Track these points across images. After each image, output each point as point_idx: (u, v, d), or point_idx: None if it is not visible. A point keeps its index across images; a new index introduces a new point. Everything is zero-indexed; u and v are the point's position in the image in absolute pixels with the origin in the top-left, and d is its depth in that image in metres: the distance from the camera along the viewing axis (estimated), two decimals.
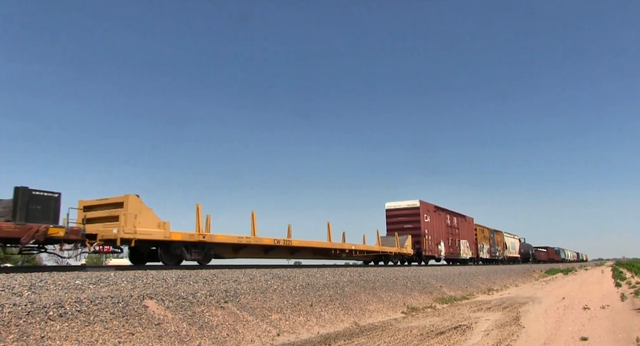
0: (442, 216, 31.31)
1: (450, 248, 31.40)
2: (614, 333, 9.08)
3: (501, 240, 48.35)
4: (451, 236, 32.10)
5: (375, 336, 8.72)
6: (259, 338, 7.82)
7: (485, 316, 11.68)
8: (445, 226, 31.23)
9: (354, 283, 13.15)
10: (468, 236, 36.21)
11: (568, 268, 56.46)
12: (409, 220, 27.38)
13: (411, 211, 27.64)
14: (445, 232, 31.07)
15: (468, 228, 36.58)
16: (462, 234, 34.83)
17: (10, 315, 5.58)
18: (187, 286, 8.67)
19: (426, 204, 28.74)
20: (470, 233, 37.04)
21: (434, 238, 28.88)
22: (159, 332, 6.70)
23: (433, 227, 29.02)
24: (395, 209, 28.12)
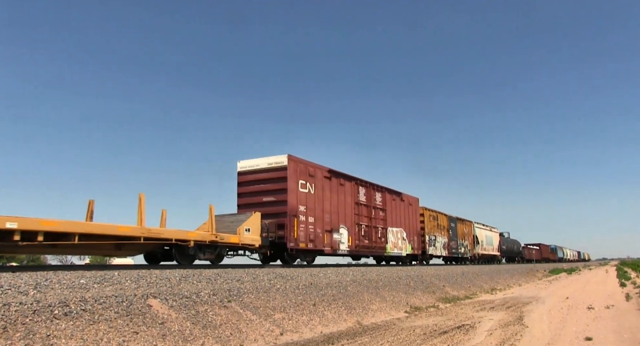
0: (345, 188, 19.37)
1: (363, 239, 20.09)
2: (619, 334, 9.06)
3: (469, 233, 36.90)
4: (367, 221, 20.61)
5: (379, 335, 8.73)
6: (262, 338, 7.85)
7: (489, 316, 11.67)
8: (351, 204, 19.60)
9: (357, 282, 13.16)
10: (406, 223, 24.82)
11: (572, 267, 56.22)
12: (270, 189, 16.11)
13: (274, 173, 16.12)
14: (351, 213, 19.45)
15: (407, 211, 25.15)
16: (394, 220, 23.32)
17: (17, 314, 5.62)
18: (191, 286, 8.70)
19: (305, 164, 16.96)
20: (411, 219, 25.59)
21: (322, 221, 17.38)
22: (162, 331, 6.73)
23: (322, 203, 17.53)
24: (251, 172, 16.68)
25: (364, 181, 21.03)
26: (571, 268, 52.45)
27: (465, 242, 35.74)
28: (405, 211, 25.14)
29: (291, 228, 15.53)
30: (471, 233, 37.83)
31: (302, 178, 16.60)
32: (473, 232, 38.26)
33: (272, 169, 16.22)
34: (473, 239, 37.86)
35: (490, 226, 44.27)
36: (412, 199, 26.49)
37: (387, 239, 22.36)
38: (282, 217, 15.58)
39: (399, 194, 24.63)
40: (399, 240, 23.95)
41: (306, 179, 16.80)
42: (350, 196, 19.60)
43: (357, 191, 20.24)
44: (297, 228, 15.81)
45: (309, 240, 16.43)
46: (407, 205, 25.51)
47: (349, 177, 19.86)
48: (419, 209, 27.29)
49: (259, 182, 16.44)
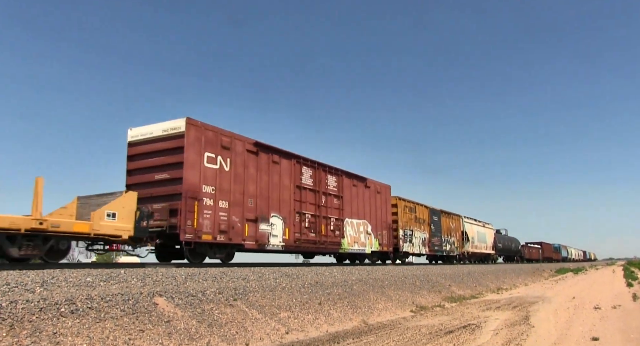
0: (282, 167, 15.48)
1: (307, 232, 16.31)
2: (626, 333, 8.99)
3: (457, 228, 32.65)
4: (313, 210, 16.75)
5: (384, 335, 8.71)
6: (267, 336, 7.85)
7: (495, 316, 11.62)
8: (291, 187, 15.76)
9: (362, 281, 13.14)
10: (372, 214, 20.86)
11: (578, 267, 55.88)
12: (164, 163, 12.42)
13: (169, 143, 12.41)
14: (290, 199, 15.66)
15: (374, 201, 21.18)
16: (354, 210, 19.41)
17: (24, 311, 5.65)
18: (197, 284, 8.72)
19: (216, 133, 13.09)
20: (379, 210, 21.58)
21: (243, 208, 13.54)
22: (168, 329, 6.74)
23: (242, 184, 13.66)
24: (143, 142, 12.89)
25: (311, 161, 16.96)
26: (577, 268, 52.14)
27: (452, 238, 31.42)
28: (372, 200, 20.89)
29: (188, 214, 11.69)
30: (459, 229, 33.30)
31: (210, 150, 12.74)
32: (462, 227, 33.69)
33: (167, 137, 12.34)
34: (462, 236, 33.46)
35: (484, 222, 40.14)
36: (381, 186, 22.04)
37: (343, 233, 18.24)
38: (176, 200, 11.77)
39: (362, 179, 20.44)
40: (360, 234, 19.68)
41: (217, 151, 12.92)
42: (288, 178, 15.63)
43: (299, 172, 16.22)
44: (197, 215, 11.95)
45: (218, 231, 12.54)
46: (373, 193, 21.16)
47: (287, 154, 15.84)
48: (390, 199, 22.90)
49: (152, 155, 12.56)
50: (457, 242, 32.56)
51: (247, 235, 13.67)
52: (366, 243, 20.19)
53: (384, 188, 22.54)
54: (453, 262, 31.63)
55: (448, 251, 30.59)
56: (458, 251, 32.49)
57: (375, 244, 20.91)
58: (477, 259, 37.77)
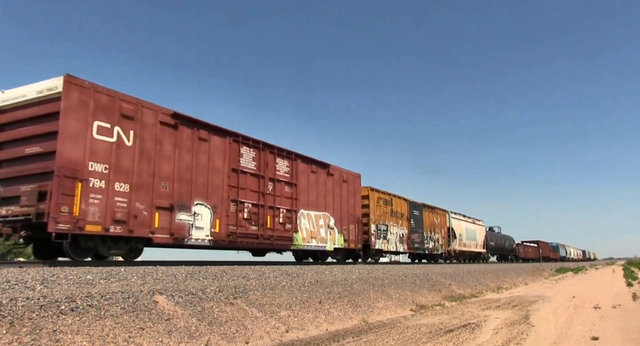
0: (212, 145, 12.78)
1: (246, 224, 13.56)
2: (626, 333, 8.99)
3: (442, 224, 29.87)
4: (255, 198, 13.99)
5: (384, 333, 8.71)
6: (267, 335, 7.85)
7: (495, 315, 11.62)
8: (224, 170, 13.10)
9: (362, 280, 13.14)
10: (336, 206, 18.03)
11: (578, 267, 55.86)
12: (37, 133, 9.70)
13: (43, 108, 9.71)
14: (223, 185, 12.93)
15: (339, 191, 18.35)
16: (312, 201, 16.59)
17: (24, 309, 5.65)
18: (197, 282, 8.72)
19: (112, 97, 10.40)
20: (345, 201, 18.66)
21: (152, 193, 11.01)
22: (168, 327, 6.75)
23: (152, 163, 11.14)
24: (14, 108, 10.17)
25: (254, 140, 13.96)
26: (577, 268, 52.14)
27: (437, 235, 28.60)
28: (336, 190, 18.06)
29: (63, 198, 9.06)
30: (445, 225, 30.30)
31: (104, 119, 10.10)
32: (448, 223, 30.73)
33: (42, 100, 9.74)
34: (448, 233, 30.63)
35: (474, 218, 37.00)
36: (348, 174, 19.03)
37: (297, 227, 15.41)
38: (47, 179, 9.21)
39: (324, 165, 17.49)
40: (320, 229, 16.76)
41: (114, 121, 10.31)
42: (222, 159, 12.76)
43: (236, 153, 13.30)
44: (80, 199, 9.38)
45: (112, 220, 9.94)
46: (338, 182, 18.28)
47: (220, 130, 12.84)
48: (360, 190, 20.00)
49: (24, 123, 9.91)
50: (442, 239, 29.63)
51: (158, 226, 10.97)
52: (327, 238, 17.12)
53: (352, 177, 19.31)
54: (438, 261, 29.22)
55: (431, 249, 27.55)
56: (443, 249, 29.60)
57: (339, 241, 17.83)
58: (466, 258, 35.01)
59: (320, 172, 17.37)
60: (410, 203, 25.55)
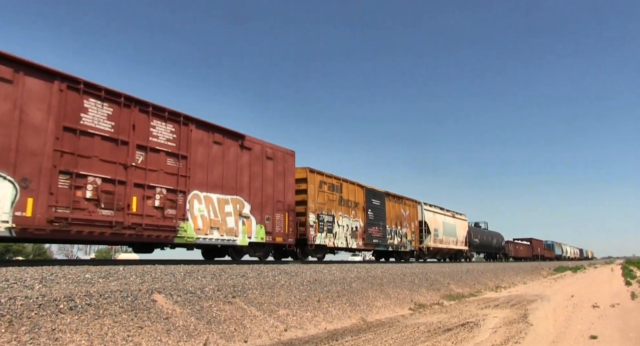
0: (29, 90, 8.71)
1: (96, 208, 9.63)
2: (625, 332, 9.01)
3: (412, 217, 25.71)
4: (115, 173, 10.17)
5: (383, 332, 8.72)
6: (266, 334, 7.86)
7: (493, 314, 11.64)
8: (50, 128, 9.01)
9: (361, 279, 13.15)
10: (257, 190, 14.24)
11: (577, 266, 55.92)
12: None
13: None
14: (46, 149, 8.91)
15: (261, 170, 14.50)
16: (215, 180, 12.76)
17: (22, 308, 5.65)
18: (195, 281, 8.72)
19: None
20: (272, 184, 14.93)
21: None
22: (167, 326, 6.75)
23: None
24: None
25: (110, 92, 10.24)
26: (576, 267, 52.20)
27: (404, 230, 24.40)
28: (255, 169, 13.97)
29: None
30: (416, 218, 26.15)
31: None
32: (420, 216, 26.73)
33: None
34: (420, 227, 26.71)
35: (454, 212, 32.87)
36: (275, 150, 14.97)
37: (185, 213, 11.63)
38: None
39: (235, 136, 13.39)
40: (227, 217, 12.82)
41: None
42: (45, 112, 8.99)
43: (75, 106, 9.56)
44: None
45: None
46: (259, 159, 14.18)
47: (41, 70, 9.04)
48: (294, 171, 15.93)
49: None
50: (411, 234, 25.38)
51: None
52: (239, 230, 13.09)
53: (280, 154, 15.17)
54: (407, 259, 25.45)
55: (397, 245, 23.40)
56: (412, 246, 25.37)
57: (257, 233, 13.80)
58: (444, 257, 31.39)
59: (229, 144, 13.15)
60: (368, 191, 21.22)
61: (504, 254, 46.94)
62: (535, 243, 60.76)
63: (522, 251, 53.76)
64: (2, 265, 8.03)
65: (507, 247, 48.14)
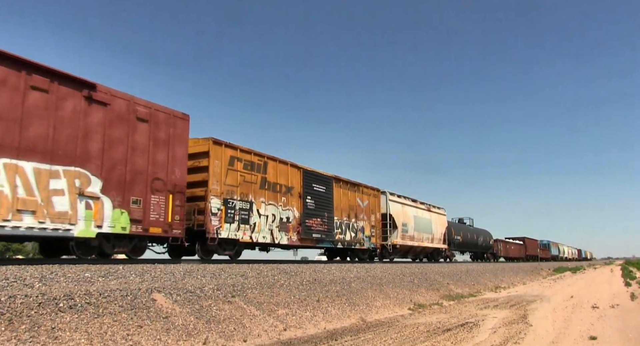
0: None
1: None
2: (624, 333, 9.01)
3: (373, 209, 21.30)
4: None
5: (382, 332, 8.72)
6: (265, 333, 7.86)
7: (493, 314, 11.64)
8: None
9: (360, 278, 13.16)
10: (119, 161, 10.18)
11: (577, 266, 55.91)
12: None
13: None
14: None
15: (129, 134, 10.42)
16: (33, 143, 8.56)
17: (22, 306, 5.65)
18: (195, 280, 8.72)
19: None
20: (154, 156, 10.99)
21: None
22: (166, 325, 6.75)
23: None
24: None
25: None
26: (576, 267, 52.20)
27: (361, 223, 19.82)
28: (113, 133, 10.21)
29: None
30: (378, 210, 21.54)
31: None
32: (384, 209, 22.23)
33: None
34: (384, 221, 22.08)
35: (430, 205, 28.22)
36: (153, 111, 11.22)
37: None
38: None
39: (80, 84, 9.62)
40: (55, 197, 8.92)
41: None
42: None
43: None
44: None
45: None
46: (121, 120, 10.44)
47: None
48: (185, 140, 12.02)
49: None
50: (371, 229, 20.71)
51: None
52: (78, 215, 9.28)
53: (163, 117, 11.43)
54: (366, 259, 20.91)
55: (350, 241, 18.77)
56: (372, 243, 20.56)
57: (116, 221, 10.06)
58: (416, 256, 27.38)
59: (64, 93, 9.33)
60: (307, 174, 16.65)
61: (492, 254, 42.66)
62: (528, 243, 56.56)
63: (514, 251, 49.70)
64: (2, 264, 8.03)
65: (496, 246, 43.77)
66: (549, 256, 65.63)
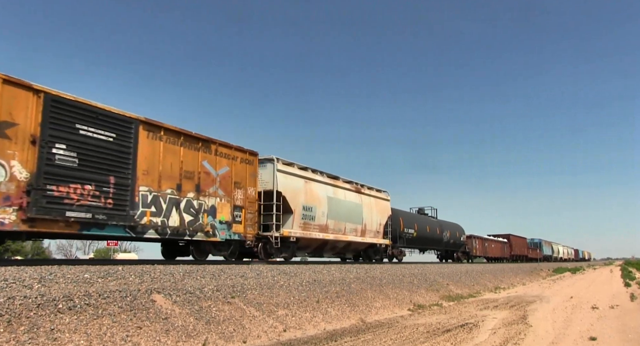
0: None
1: None
2: (624, 333, 9.01)
3: (243, 181, 13.69)
4: None
5: (382, 333, 8.71)
6: (265, 334, 7.85)
7: (492, 315, 11.64)
8: None
9: (360, 279, 13.15)
10: None
11: (576, 267, 55.93)
12: None
13: None
14: None
15: None
16: None
17: (21, 307, 5.64)
18: (195, 281, 8.71)
19: None
20: None
21: None
22: (166, 326, 6.74)
23: None
24: None
25: None
26: (575, 268, 52.22)
27: (211, 201, 12.55)
28: None
29: None
30: (255, 184, 14.35)
31: None
32: (271, 184, 15.11)
33: None
34: (269, 202, 14.82)
35: (359, 185, 20.32)
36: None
37: None
38: None
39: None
40: None
41: None
42: None
43: None
44: None
45: None
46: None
47: None
48: None
49: None
50: (235, 211, 13.37)
51: None
52: None
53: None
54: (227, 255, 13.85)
55: (179, 228, 11.42)
56: (234, 233, 13.21)
57: None
58: (338, 254, 19.93)
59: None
60: (58, 103, 9.08)
61: (464, 253, 35.41)
62: (514, 241, 48.89)
63: (495, 250, 42.36)
64: (1, 264, 8.02)
65: (470, 243, 36.33)
66: (541, 256, 59.06)
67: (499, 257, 43.56)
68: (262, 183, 14.99)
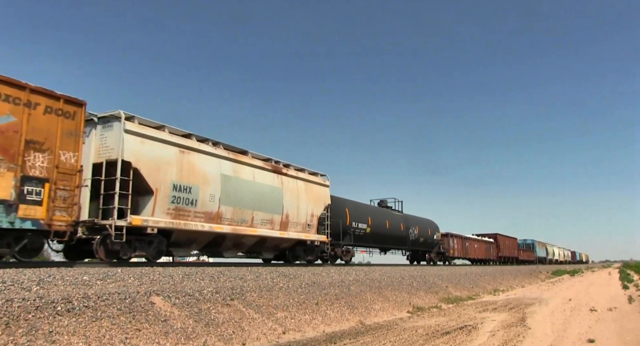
0: None
1: None
2: (622, 335, 9.02)
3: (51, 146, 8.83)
4: None
5: (381, 335, 8.71)
6: (264, 336, 7.84)
7: (491, 317, 11.64)
8: None
9: (359, 281, 13.14)
10: None
11: (575, 269, 55.95)
12: None
13: None
14: None
15: None
16: None
17: (20, 310, 5.62)
18: (194, 283, 8.70)
19: None
20: None
21: None
22: (165, 329, 6.73)
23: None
24: None
25: None
26: (574, 270, 52.27)
27: None
28: None
29: None
30: (76, 148, 9.32)
31: None
32: (117, 151, 10.23)
33: None
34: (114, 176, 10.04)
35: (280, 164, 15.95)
36: None
37: None
38: None
39: None
40: None
41: None
42: None
43: None
44: None
45: None
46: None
47: None
48: None
49: None
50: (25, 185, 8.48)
51: None
52: None
53: None
54: None
55: None
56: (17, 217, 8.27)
57: None
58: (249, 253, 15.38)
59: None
60: None
61: (439, 253, 30.95)
62: (502, 241, 44.14)
63: (478, 251, 37.73)
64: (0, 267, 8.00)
65: (446, 243, 31.86)
66: (534, 258, 55.04)
67: (484, 259, 39.00)
68: (107, 149, 10.55)
